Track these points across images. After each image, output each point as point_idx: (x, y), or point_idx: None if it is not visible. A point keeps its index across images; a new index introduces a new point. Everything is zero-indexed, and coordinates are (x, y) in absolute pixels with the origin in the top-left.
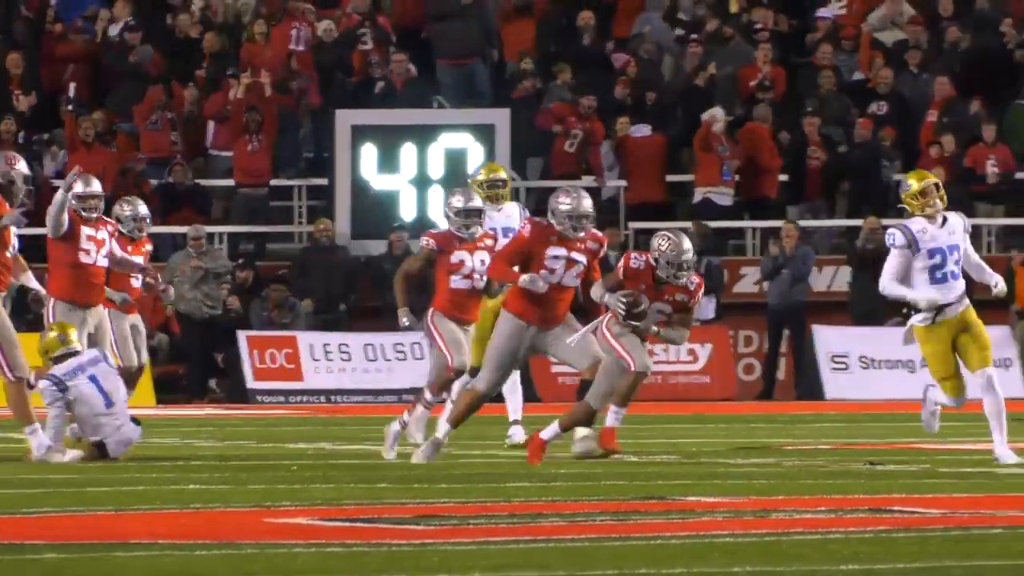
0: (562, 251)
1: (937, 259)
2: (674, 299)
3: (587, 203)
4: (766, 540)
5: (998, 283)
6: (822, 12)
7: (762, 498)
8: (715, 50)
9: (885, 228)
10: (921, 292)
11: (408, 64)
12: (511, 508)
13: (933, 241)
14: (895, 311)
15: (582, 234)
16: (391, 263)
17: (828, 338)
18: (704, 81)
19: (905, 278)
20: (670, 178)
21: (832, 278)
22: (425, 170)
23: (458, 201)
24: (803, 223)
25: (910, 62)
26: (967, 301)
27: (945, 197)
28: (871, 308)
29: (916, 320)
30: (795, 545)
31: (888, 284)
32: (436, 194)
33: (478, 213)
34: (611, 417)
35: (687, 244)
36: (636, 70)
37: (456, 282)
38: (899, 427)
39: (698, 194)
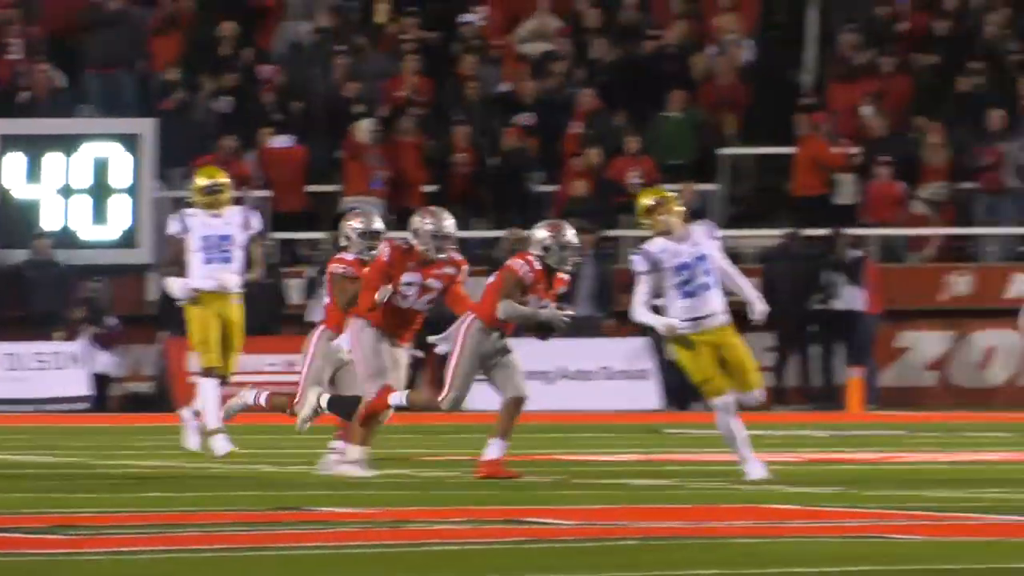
0: (416, 277)
1: (684, 274)
2: (561, 281)
3: (450, 223)
4: (399, 551)
5: (757, 310)
6: (465, 17)
7: (397, 509)
8: (361, 60)
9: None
10: (664, 318)
11: (53, 73)
12: (147, 518)
13: (677, 257)
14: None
15: (443, 256)
16: (35, 270)
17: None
18: (350, 92)
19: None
20: (316, 188)
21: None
22: (70, 179)
23: (360, 223)
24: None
25: (555, 73)
26: (726, 317)
27: (681, 210)
28: None
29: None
30: (430, 556)
31: (637, 312)
32: (81, 203)
33: (378, 235)
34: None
35: (569, 226)
36: (281, 80)
37: None
38: (536, 438)
39: (346, 204)
